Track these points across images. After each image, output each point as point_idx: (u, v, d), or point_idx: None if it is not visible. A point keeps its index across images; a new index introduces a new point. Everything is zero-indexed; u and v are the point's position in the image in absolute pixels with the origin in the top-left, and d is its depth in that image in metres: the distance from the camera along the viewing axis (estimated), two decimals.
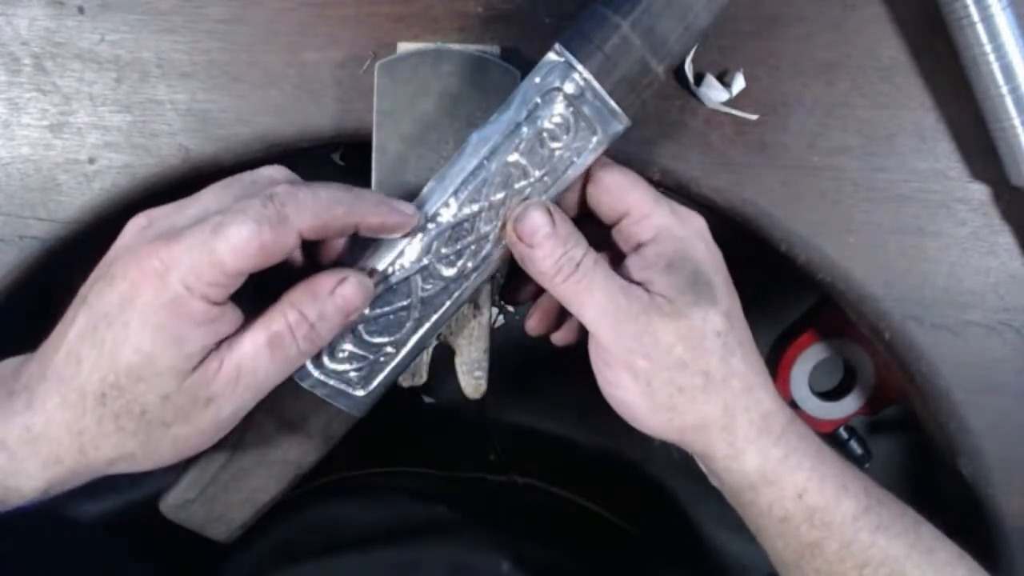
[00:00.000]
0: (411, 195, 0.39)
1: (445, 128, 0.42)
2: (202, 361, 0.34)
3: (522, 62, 0.42)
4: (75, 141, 0.44)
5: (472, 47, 0.42)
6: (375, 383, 0.40)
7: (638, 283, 0.38)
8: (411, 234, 0.38)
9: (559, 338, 0.45)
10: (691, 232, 0.39)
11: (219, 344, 0.35)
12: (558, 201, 0.39)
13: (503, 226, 0.39)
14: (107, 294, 0.34)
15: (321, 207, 0.34)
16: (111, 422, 0.34)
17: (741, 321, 0.39)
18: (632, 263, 0.39)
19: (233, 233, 0.33)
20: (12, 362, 0.38)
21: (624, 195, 0.39)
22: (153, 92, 0.43)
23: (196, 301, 0.33)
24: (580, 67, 0.37)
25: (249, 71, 0.43)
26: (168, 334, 0.33)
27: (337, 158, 0.73)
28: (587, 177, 0.39)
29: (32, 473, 0.35)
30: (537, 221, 0.37)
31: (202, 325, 0.34)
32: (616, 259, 0.40)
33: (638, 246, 0.39)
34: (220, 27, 0.43)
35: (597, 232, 0.40)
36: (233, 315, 0.35)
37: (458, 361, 0.45)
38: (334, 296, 0.36)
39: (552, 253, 0.37)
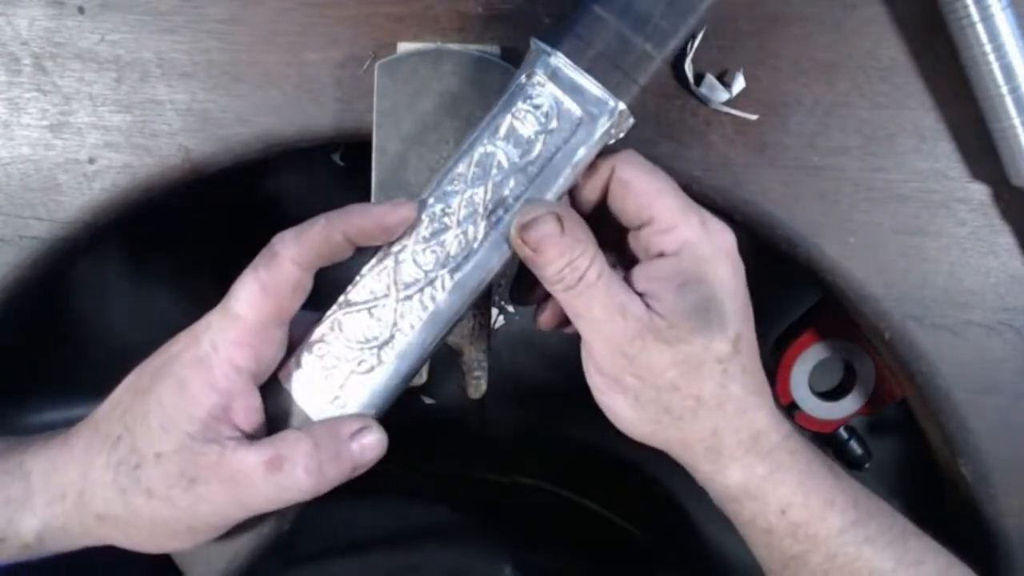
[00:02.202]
0: (410, 195, 0.39)
1: (445, 128, 0.42)
2: (204, 441, 0.35)
3: (522, 62, 0.42)
4: (75, 141, 0.44)
5: (472, 47, 0.42)
6: (360, 400, 0.38)
7: (643, 293, 0.37)
8: None
9: (572, 330, 0.44)
10: (716, 250, 0.37)
11: (226, 439, 0.35)
12: (561, 193, 0.38)
13: (508, 229, 0.37)
14: (161, 354, 0.37)
15: (301, 230, 0.35)
16: (111, 470, 0.35)
17: (749, 344, 0.38)
18: (644, 271, 0.37)
19: (238, 286, 0.35)
20: None
21: (652, 201, 0.37)
22: (153, 92, 0.43)
23: (220, 362, 0.35)
24: (550, 49, 0.36)
25: (249, 71, 0.43)
26: (185, 390, 0.35)
27: (337, 158, 0.73)
28: (612, 176, 0.38)
29: (36, 509, 0.36)
30: (544, 229, 0.36)
31: (216, 392, 0.35)
32: (627, 259, 0.40)
33: (657, 255, 0.37)
34: (220, 27, 0.43)
35: (608, 229, 0.39)
36: (251, 402, 0.36)
37: (459, 361, 0.45)
38: (351, 441, 0.36)
39: (555, 261, 0.36)
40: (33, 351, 0.60)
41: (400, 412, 0.41)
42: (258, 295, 0.35)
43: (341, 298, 0.38)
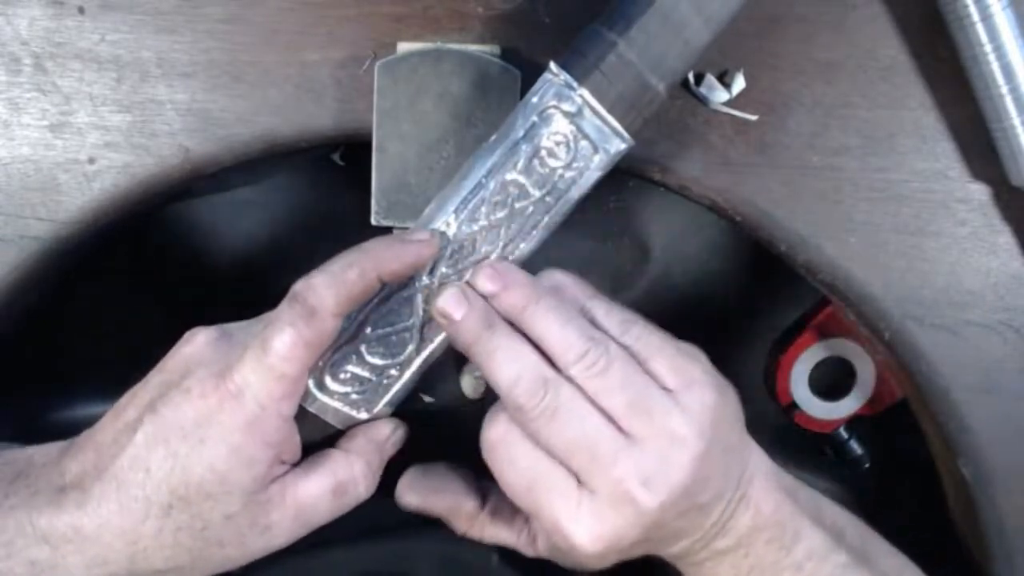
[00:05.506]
0: (410, 194, 0.40)
1: (445, 128, 0.42)
2: (266, 487, 0.36)
3: (522, 62, 0.42)
4: (75, 141, 0.44)
5: (472, 47, 0.42)
6: (380, 406, 0.41)
7: None
8: None
9: None
10: None
11: (283, 475, 0.37)
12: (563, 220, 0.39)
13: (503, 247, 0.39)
14: (183, 408, 0.35)
15: (336, 281, 0.36)
16: (170, 535, 0.35)
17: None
18: None
19: (278, 344, 0.35)
20: (53, 448, 0.38)
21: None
22: (153, 92, 0.43)
23: (269, 418, 0.35)
24: (576, 85, 0.37)
25: (249, 71, 0.43)
26: (242, 455, 0.35)
27: (337, 158, 0.73)
28: None
29: (73, 572, 0.35)
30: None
31: (271, 446, 0.35)
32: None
33: None
34: (220, 27, 0.43)
35: None
36: (294, 439, 0.37)
37: (458, 360, 0.45)
38: (389, 443, 0.41)
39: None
40: (33, 351, 0.60)
41: (398, 411, 0.42)
42: (301, 351, 0.35)
43: (360, 317, 0.39)
